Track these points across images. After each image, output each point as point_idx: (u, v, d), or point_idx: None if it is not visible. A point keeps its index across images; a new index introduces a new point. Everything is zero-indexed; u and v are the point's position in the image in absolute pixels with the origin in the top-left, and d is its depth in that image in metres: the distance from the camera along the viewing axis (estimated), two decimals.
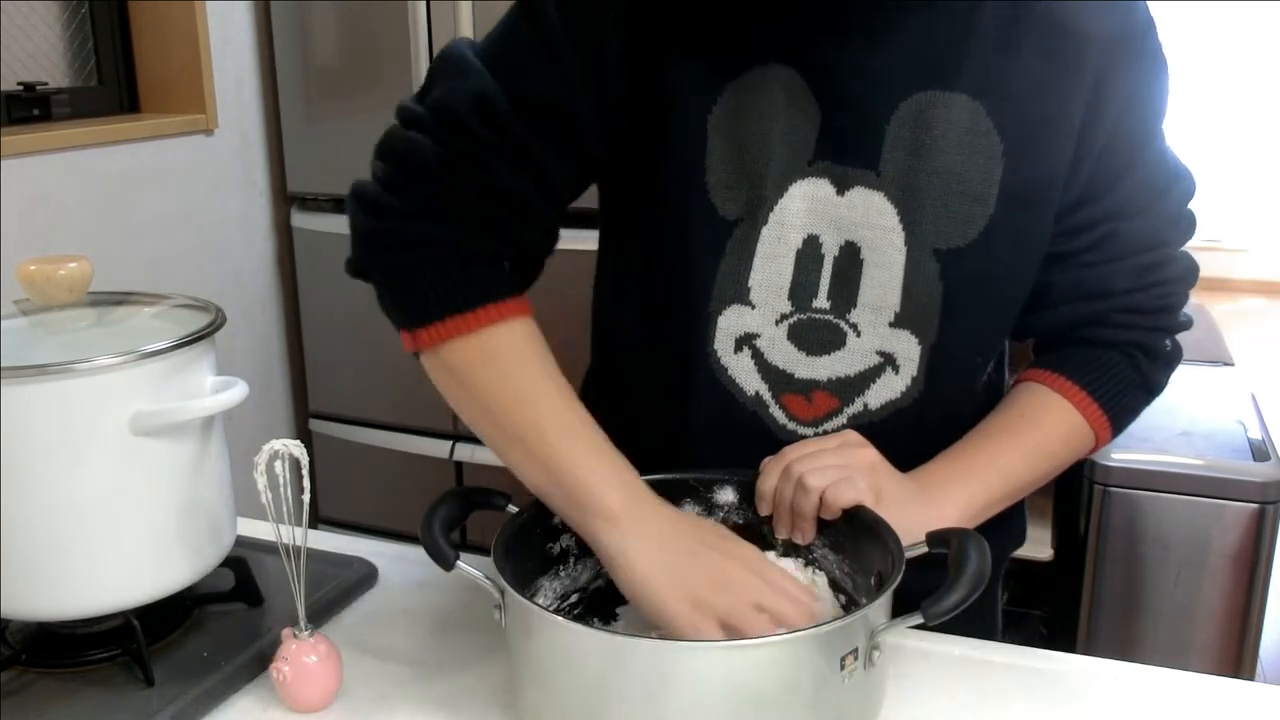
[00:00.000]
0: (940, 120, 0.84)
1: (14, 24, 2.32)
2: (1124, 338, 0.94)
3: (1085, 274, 0.92)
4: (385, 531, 2.69)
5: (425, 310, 0.84)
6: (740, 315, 0.90)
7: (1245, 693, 0.86)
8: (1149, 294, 0.93)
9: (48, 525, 0.83)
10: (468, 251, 0.84)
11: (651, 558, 0.78)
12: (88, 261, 0.91)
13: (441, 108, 0.84)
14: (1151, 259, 0.92)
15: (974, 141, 0.85)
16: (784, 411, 0.92)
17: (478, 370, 0.84)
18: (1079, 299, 0.93)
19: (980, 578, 0.73)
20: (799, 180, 0.87)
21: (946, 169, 0.85)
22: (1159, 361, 0.96)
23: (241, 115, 2.68)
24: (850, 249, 0.88)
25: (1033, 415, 0.94)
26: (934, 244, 0.86)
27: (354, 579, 1.00)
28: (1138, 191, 0.91)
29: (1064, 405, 0.93)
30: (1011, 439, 0.92)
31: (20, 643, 0.89)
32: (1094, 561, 2.17)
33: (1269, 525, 2.06)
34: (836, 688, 0.71)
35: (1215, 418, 2.31)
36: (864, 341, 0.90)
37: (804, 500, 0.84)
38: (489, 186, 0.84)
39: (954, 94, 0.84)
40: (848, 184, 0.86)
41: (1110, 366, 0.94)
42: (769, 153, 0.86)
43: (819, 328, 0.90)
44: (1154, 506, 2.11)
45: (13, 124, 2.28)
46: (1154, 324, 0.95)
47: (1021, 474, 0.92)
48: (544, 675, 0.75)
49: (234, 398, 0.86)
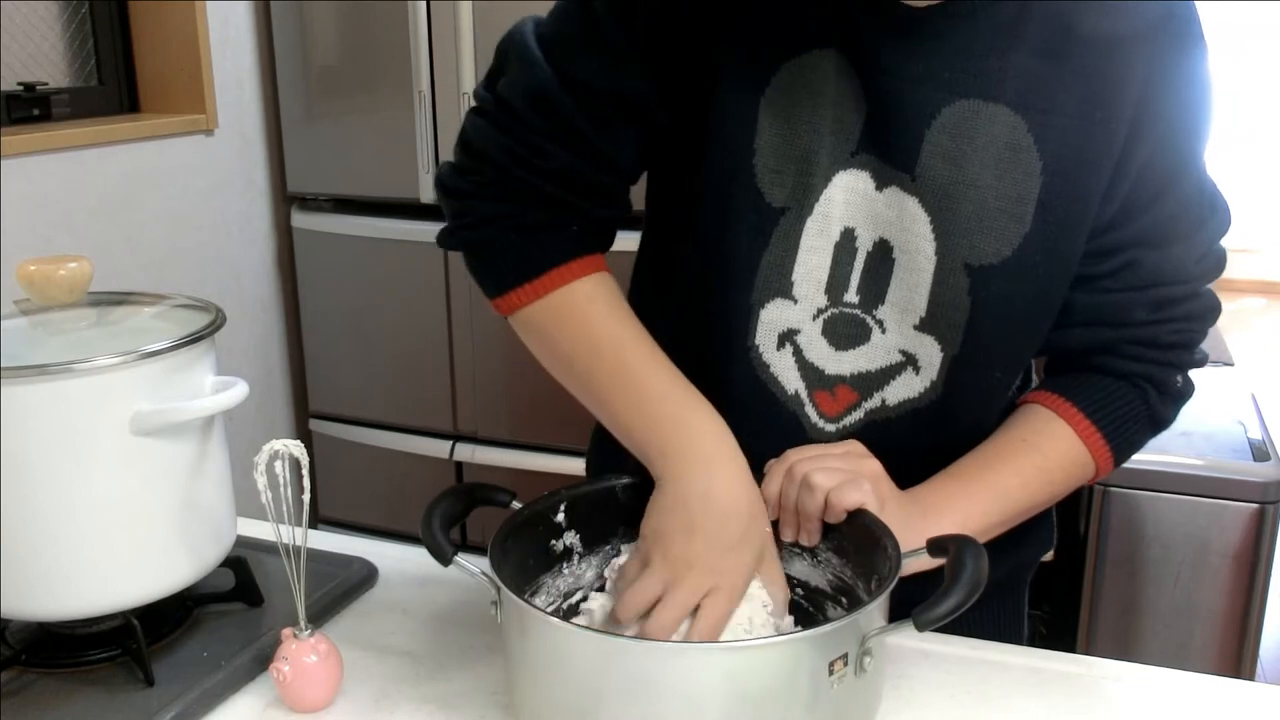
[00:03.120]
0: (981, 132, 0.83)
1: (14, 24, 2.32)
2: (1135, 369, 0.92)
3: (1103, 300, 0.90)
4: (385, 531, 2.69)
5: (500, 280, 0.90)
6: (783, 310, 0.89)
7: (1245, 693, 0.86)
8: (1165, 328, 0.91)
9: (48, 525, 0.83)
10: (532, 224, 0.89)
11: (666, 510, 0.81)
12: (88, 261, 0.91)
13: (502, 99, 0.88)
14: (1172, 293, 0.90)
15: (1014, 157, 0.83)
16: (815, 410, 0.91)
17: (554, 330, 0.89)
18: (1095, 324, 0.91)
19: (975, 586, 0.72)
20: (842, 170, 0.86)
21: (984, 182, 0.83)
22: (1168, 397, 0.94)
23: (241, 115, 2.68)
24: (883, 246, 0.87)
25: (1035, 440, 0.92)
26: (966, 258, 0.85)
27: (354, 579, 1.00)
28: (1168, 221, 0.88)
29: (1067, 433, 0.91)
30: (1011, 464, 0.91)
31: (20, 643, 0.89)
32: (1094, 561, 2.17)
33: (1269, 525, 2.06)
34: (826, 692, 0.71)
35: (1215, 418, 2.31)
36: (889, 338, 0.89)
37: (809, 500, 0.83)
38: (545, 169, 0.88)
39: (997, 106, 0.83)
40: (886, 181, 0.85)
41: (1118, 398, 0.92)
42: (819, 138, 0.85)
43: (848, 322, 0.89)
44: (1154, 506, 2.11)
45: (13, 124, 2.28)
46: (1167, 359, 0.92)
47: (1019, 500, 0.91)
48: (538, 674, 0.75)
49: (234, 398, 0.86)
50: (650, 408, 0.85)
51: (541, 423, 2.57)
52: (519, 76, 0.87)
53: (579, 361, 0.89)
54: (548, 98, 0.86)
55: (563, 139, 0.87)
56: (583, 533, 0.88)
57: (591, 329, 0.89)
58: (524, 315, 0.90)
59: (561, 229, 0.89)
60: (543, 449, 2.60)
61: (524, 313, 0.90)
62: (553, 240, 0.89)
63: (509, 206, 0.89)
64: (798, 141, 0.85)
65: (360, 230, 2.64)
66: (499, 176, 0.88)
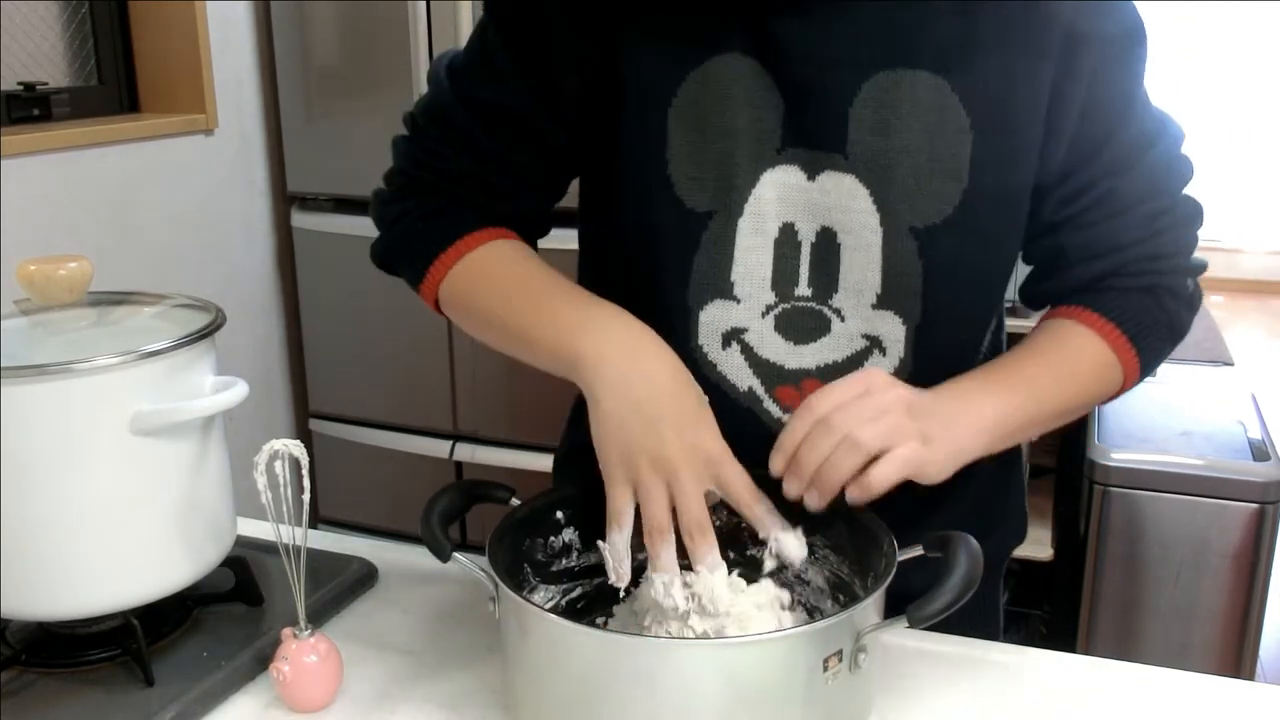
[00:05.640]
0: (904, 99, 0.84)
1: (14, 24, 2.32)
2: (1147, 283, 0.93)
3: (1093, 233, 0.91)
4: (385, 531, 2.69)
5: (415, 265, 0.95)
6: (724, 310, 0.90)
7: (1245, 693, 0.86)
8: (1161, 240, 0.92)
9: (48, 525, 0.83)
10: (436, 210, 0.95)
11: (612, 412, 0.81)
12: (88, 261, 0.91)
13: (412, 116, 0.98)
14: (1155, 207, 0.91)
15: (941, 118, 0.84)
16: (778, 405, 0.91)
17: (470, 292, 0.93)
18: (1092, 258, 0.92)
19: (970, 583, 0.72)
20: (769, 169, 0.87)
21: (915, 146, 0.84)
22: (1182, 301, 0.94)
23: (241, 115, 2.68)
24: (826, 234, 0.88)
25: (1063, 343, 0.92)
26: (910, 222, 0.86)
27: (354, 579, 1.00)
28: (1128, 149, 0.90)
29: (1093, 338, 0.91)
30: (1041, 361, 0.91)
31: (20, 643, 0.89)
32: (1094, 561, 2.17)
33: (1269, 525, 2.06)
34: (820, 688, 0.71)
35: (1215, 418, 2.31)
36: (849, 326, 0.89)
37: (846, 460, 0.79)
38: (443, 169, 0.96)
39: (916, 72, 0.84)
40: (817, 169, 0.86)
41: (1136, 305, 0.92)
42: (735, 141, 0.86)
43: (804, 315, 0.90)
44: (1154, 506, 2.11)
45: (13, 124, 2.28)
46: (1172, 266, 0.94)
47: (1053, 396, 0.90)
48: (534, 670, 0.76)
49: (234, 398, 0.86)
50: (560, 319, 0.86)
51: (541, 423, 2.57)
52: (427, 98, 0.97)
53: (496, 310, 0.91)
54: (447, 114, 0.95)
55: (460, 146, 0.94)
56: (581, 530, 0.88)
57: (501, 276, 0.92)
58: (445, 293, 0.94)
59: (464, 211, 0.95)
60: (543, 449, 2.60)
61: (444, 290, 0.93)
62: (457, 220, 0.94)
63: (414, 202, 0.96)
64: (712, 147, 0.87)
65: (360, 230, 2.63)
66: (406, 181, 0.97)
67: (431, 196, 0.96)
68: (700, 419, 0.82)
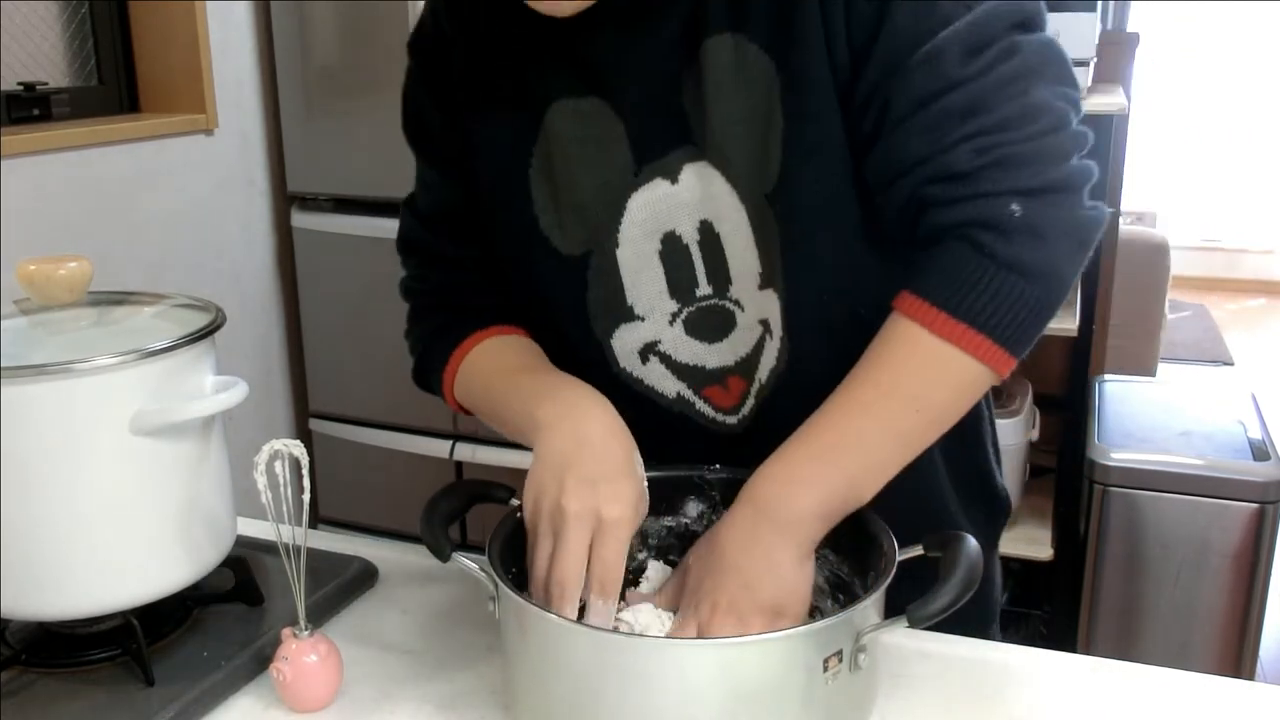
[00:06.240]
0: (712, 68, 0.81)
1: (14, 24, 2.32)
2: (956, 217, 0.74)
3: (880, 151, 0.76)
4: (385, 531, 2.69)
5: (435, 385, 0.99)
6: (633, 330, 0.91)
7: (1245, 693, 0.86)
8: (957, 152, 0.73)
9: (48, 525, 0.83)
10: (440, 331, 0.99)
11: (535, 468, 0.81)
12: (88, 261, 0.91)
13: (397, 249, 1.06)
14: (942, 107, 0.73)
15: (749, 74, 0.80)
16: (709, 404, 0.93)
17: (466, 392, 0.96)
18: (885, 184, 0.78)
19: (970, 583, 0.72)
20: (633, 194, 0.87)
21: (740, 113, 0.81)
22: (1011, 234, 0.73)
23: (241, 115, 2.68)
24: (706, 226, 0.87)
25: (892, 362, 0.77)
26: (763, 190, 0.82)
27: (354, 579, 1.00)
28: (900, 35, 0.74)
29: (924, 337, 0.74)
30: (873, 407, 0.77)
31: (20, 643, 0.89)
32: (1094, 561, 2.17)
33: (1269, 525, 2.06)
34: (820, 688, 0.71)
35: (1215, 418, 2.31)
36: (748, 314, 0.89)
37: None
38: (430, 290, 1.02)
39: (716, 38, 0.81)
40: (676, 169, 0.86)
41: (956, 265, 0.74)
42: (592, 187, 0.88)
43: (708, 314, 0.90)
44: (1154, 506, 2.11)
45: (13, 124, 2.28)
46: (981, 189, 0.73)
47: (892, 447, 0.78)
48: (534, 669, 0.76)
49: (234, 398, 0.86)
50: (523, 395, 0.88)
51: None
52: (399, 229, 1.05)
53: (484, 401, 0.94)
54: (414, 237, 1.03)
55: (434, 262, 1.01)
56: None
57: (485, 371, 0.94)
58: (460, 400, 0.97)
59: (463, 321, 0.97)
60: None
61: (458, 398, 0.97)
62: (454, 332, 0.97)
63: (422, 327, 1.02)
64: (568, 198, 0.89)
65: (360, 230, 2.64)
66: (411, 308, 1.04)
67: (433, 315, 1.01)
68: (617, 478, 0.79)
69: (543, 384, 0.89)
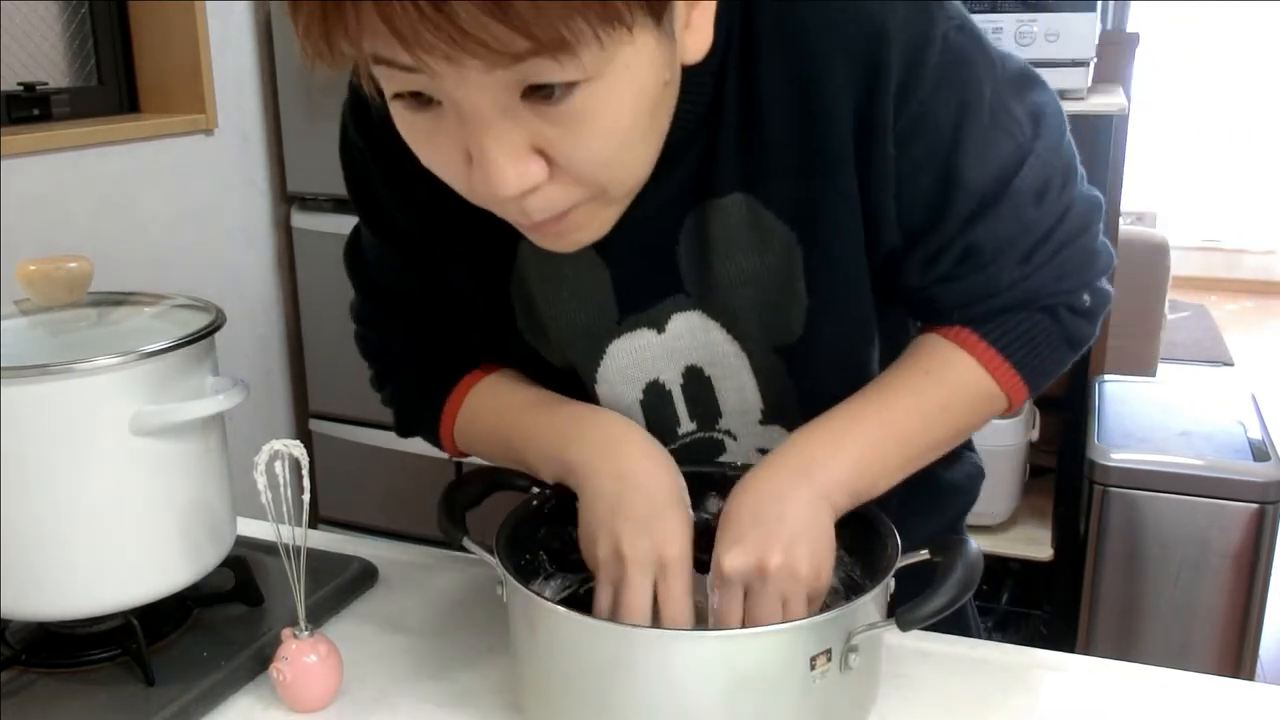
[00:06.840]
0: (720, 228, 0.79)
1: (14, 24, 2.32)
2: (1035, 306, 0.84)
3: (964, 285, 0.82)
4: (385, 531, 2.69)
5: (418, 431, 0.98)
6: None
7: (1245, 693, 0.86)
8: (1040, 276, 0.82)
9: (48, 525, 0.83)
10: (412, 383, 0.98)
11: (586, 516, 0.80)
12: (88, 261, 0.91)
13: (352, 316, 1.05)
14: (1026, 244, 0.80)
15: (762, 236, 0.79)
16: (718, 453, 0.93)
17: (474, 442, 0.94)
18: (967, 304, 0.83)
19: (964, 588, 0.72)
20: (613, 340, 0.86)
21: (751, 273, 0.80)
22: (1078, 314, 0.85)
23: (241, 115, 2.68)
24: (693, 371, 0.86)
25: (937, 372, 0.83)
26: (772, 343, 0.83)
27: (354, 579, 1.00)
28: (976, 198, 0.79)
29: (970, 364, 0.83)
30: (911, 401, 0.82)
31: (20, 643, 0.89)
32: (1094, 561, 2.18)
33: (1269, 525, 2.06)
34: (809, 686, 0.71)
35: (1215, 418, 2.31)
36: (741, 443, 0.90)
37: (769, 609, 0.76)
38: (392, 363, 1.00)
39: (730, 196, 0.78)
40: (663, 319, 0.84)
41: (1022, 320, 0.83)
42: (566, 323, 0.85)
43: (696, 446, 0.90)
44: (1154, 506, 2.11)
45: (13, 124, 2.28)
46: (1057, 289, 0.83)
47: (921, 442, 0.83)
48: (538, 657, 0.76)
49: (234, 398, 0.86)
50: (546, 432, 0.85)
51: None
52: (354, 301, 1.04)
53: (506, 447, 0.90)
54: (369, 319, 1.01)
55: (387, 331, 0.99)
56: None
57: (493, 414, 0.92)
58: (462, 446, 0.95)
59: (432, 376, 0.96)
60: None
61: (459, 445, 0.95)
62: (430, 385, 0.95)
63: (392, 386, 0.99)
64: (551, 329, 0.87)
65: None
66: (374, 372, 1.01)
67: (407, 366, 0.98)
68: (668, 512, 0.77)
69: (564, 421, 0.85)
